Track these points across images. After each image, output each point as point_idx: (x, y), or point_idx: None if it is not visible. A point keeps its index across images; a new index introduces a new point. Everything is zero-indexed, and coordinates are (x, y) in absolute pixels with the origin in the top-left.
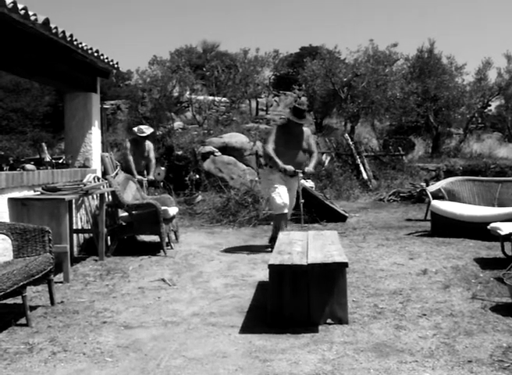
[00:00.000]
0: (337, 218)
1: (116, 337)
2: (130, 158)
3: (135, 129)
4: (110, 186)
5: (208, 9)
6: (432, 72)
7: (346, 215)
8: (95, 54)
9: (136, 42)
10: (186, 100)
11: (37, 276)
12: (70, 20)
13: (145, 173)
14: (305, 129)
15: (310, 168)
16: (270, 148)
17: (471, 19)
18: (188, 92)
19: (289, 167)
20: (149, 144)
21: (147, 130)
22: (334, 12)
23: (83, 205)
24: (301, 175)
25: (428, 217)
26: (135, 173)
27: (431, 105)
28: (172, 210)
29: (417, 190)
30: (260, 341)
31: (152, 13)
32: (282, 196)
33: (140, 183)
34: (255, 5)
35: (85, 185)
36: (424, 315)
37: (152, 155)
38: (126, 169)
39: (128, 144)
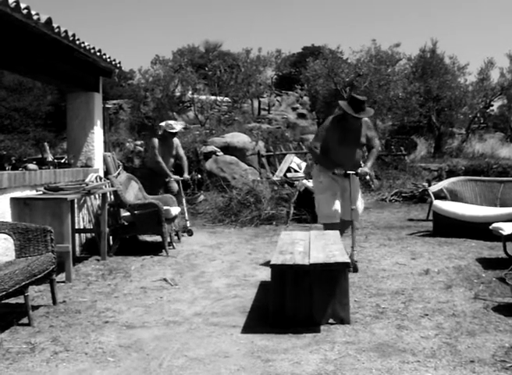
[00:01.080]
0: None
1: (118, 337)
2: (160, 158)
3: (163, 124)
4: (112, 185)
5: (211, 9)
6: (435, 72)
7: None
8: (97, 53)
9: (138, 42)
10: (188, 100)
11: (39, 276)
12: (73, 20)
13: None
14: (365, 120)
15: (365, 169)
16: (317, 144)
17: (473, 18)
18: (190, 92)
19: (339, 170)
20: (177, 141)
21: (177, 125)
22: (337, 12)
23: (86, 205)
24: (356, 177)
25: (430, 217)
26: (170, 173)
27: (433, 105)
28: (174, 210)
29: (419, 190)
30: (262, 340)
31: (154, 13)
32: (331, 203)
33: (177, 183)
34: (258, 5)
35: (87, 185)
36: (427, 315)
37: (182, 151)
38: (158, 171)
39: (156, 143)
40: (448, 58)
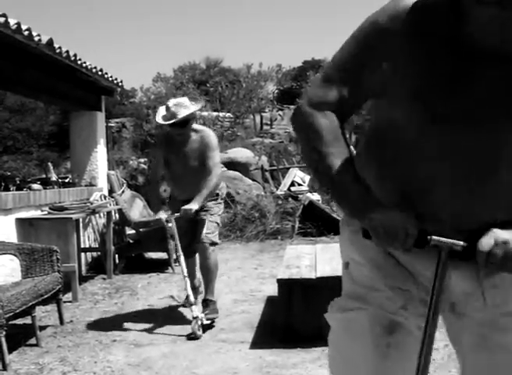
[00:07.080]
0: None
1: (126, 356)
2: (158, 176)
3: (158, 116)
4: (117, 204)
5: (211, 26)
6: None
7: None
8: (99, 72)
9: (139, 60)
10: None
11: (45, 296)
12: (74, 40)
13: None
14: None
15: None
16: (331, 157)
17: None
18: None
19: (411, 230)
20: (203, 134)
21: (180, 108)
22: (336, 25)
23: (91, 224)
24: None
25: None
26: (159, 203)
27: None
28: None
29: None
30: (270, 356)
31: (154, 31)
32: (348, 354)
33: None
34: (257, 21)
35: (92, 204)
36: None
37: (211, 154)
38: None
39: (157, 152)
40: None
